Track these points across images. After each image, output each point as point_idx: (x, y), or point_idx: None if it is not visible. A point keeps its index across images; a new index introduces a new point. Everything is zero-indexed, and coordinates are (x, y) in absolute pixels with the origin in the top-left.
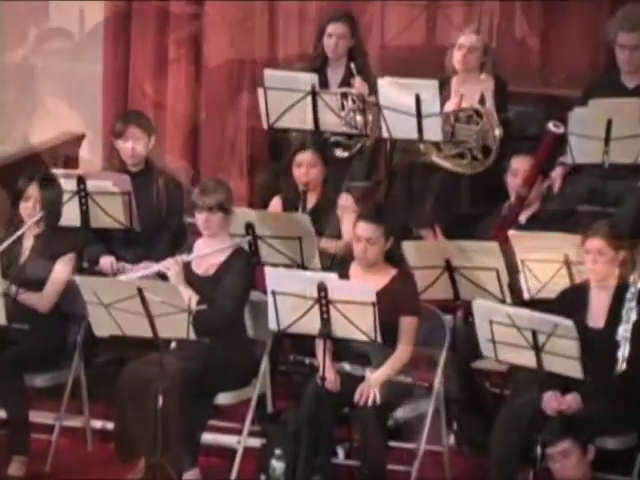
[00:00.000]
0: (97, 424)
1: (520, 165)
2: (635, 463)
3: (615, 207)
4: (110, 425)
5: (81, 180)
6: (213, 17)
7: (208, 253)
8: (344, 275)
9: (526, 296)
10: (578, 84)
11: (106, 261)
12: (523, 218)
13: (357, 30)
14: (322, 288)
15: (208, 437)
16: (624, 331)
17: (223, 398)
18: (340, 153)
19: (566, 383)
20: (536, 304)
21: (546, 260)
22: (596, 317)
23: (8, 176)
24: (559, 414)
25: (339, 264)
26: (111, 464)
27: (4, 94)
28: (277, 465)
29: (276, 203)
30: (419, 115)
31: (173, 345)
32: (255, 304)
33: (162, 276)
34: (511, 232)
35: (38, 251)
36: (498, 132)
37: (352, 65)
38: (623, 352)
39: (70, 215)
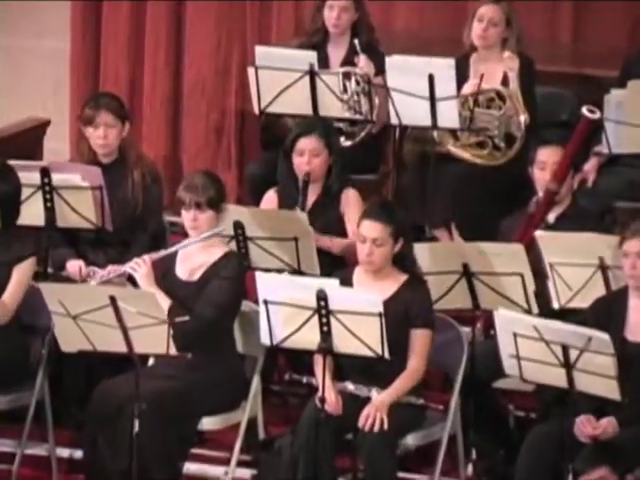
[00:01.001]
0: (64, 452)
1: (549, 156)
2: None
3: None
4: (78, 453)
5: (45, 173)
6: None
7: (181, 246)
8: (347, 282)
9: (555, 305)
10: (615, 62)
11: (74, 265)
12: (552, 217)
13: (362, 1)
14: (322, 296)
15: (191, 467)
16: None
17: (208, 423)
18: (342, 142)
19: (601, 405)
20: (567, 315)
21: (578, 264)
22: (635, 330)
23: None
24: (593, 440)
25: (341, 269)
26: None
27: None
28: None
29: (270, 198)
30: (433, 98)
31: (151, 362)
32: (245, 315)
33: (131, 279)
34: (538, 232)
35: None
36: (523, 118)
37: (356, 41)
38: None
39: (32, 213)
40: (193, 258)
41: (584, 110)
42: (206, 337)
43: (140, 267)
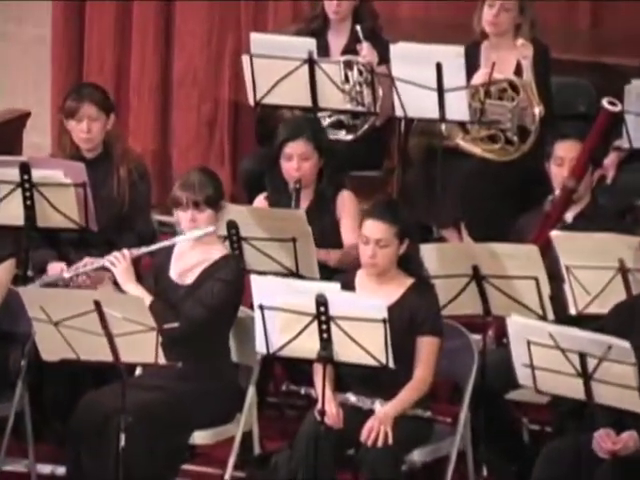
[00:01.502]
0: (45, 469)
1: (567, 151)
2: None
3: None
4: (61, 470)
5: (25, 168)
6: None
7: (167, 244)
8: (348, 286)
9: (572, 311)
10: (636, 50)
11: (55, 268)
12: (569, 216)
13: None
14: (322, 302)
15: None
16: None
17: (200, 437)
18: (343, 136)
19: (621, 418)
20: (585, 321)
21: (597, 267)
22: None
23: None
24: (612, 456)
25: (342, 272)
26: None
27: None
28: None
29: (260, 204)
30: (440, 89)
31: (138, 371)
32: (239, 321)
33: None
34: (554, 233)
35: None
36: (538, 110)
37: (358, 28)
38: None
39: (11, 212)
40: (188, 259)
41: (604, 102)
42: (198, 344)
43: (119, 262)
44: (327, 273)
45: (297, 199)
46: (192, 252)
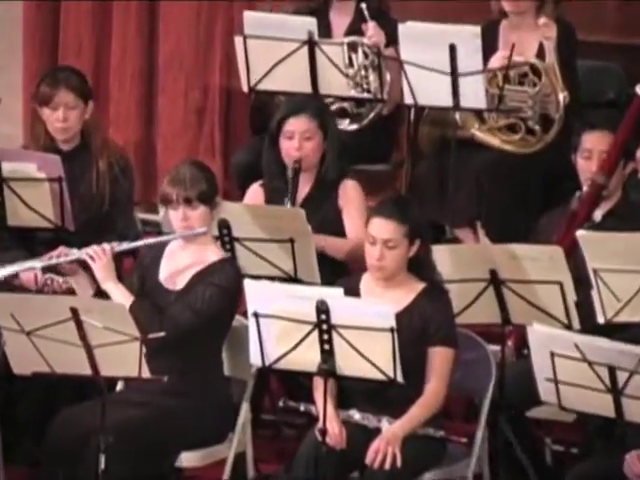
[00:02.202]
0: None
1: (595, 143)
2: None
3: None
4: None
5: None
6: None
7: (152, 242)
8: (353, 291)
9: (600, 320)
10: None
11: (28, 273)
12: (599, 214)
13: None
14: (323, 309)
15: None
16: None
17: (188, 459)
18: (347, 125)
19: None
20: (614, 330)
21: (628, 270)
22: None
23: None
24: None
25: (345, 276)
26: None
27: None
28: None
29: (255, 192)
30: (454, 74)
31: (120, 386)
32: (231, 330)
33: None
34: (581, 232)
35: None
36: (562, 96)
37: (363, 6)
38: None
39: None
40: (179, 261)
41: (638, 89)
42: (186, 356)
43: (99, 257)
44: (329, 277)
45: (295, 182)
46: (184, 253)
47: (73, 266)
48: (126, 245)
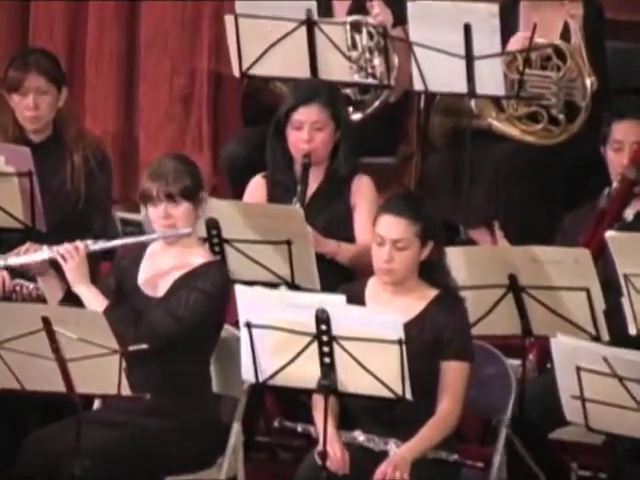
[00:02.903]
0: None
1: (626, 134)
2: None
3: None
4: None
5: None
6: None
7: (131, 241)
8: (357, 298)
9: (631, 330)
10: None
11: None
12: (630, 213)
13: None
14: (323, 318)
15: None
16: None
17: None
18: (349, 114)
19: None
20: None
21: None
22: None
23: None
24: None
25: (349, 281)
26: None
27: None
28: None
29: (258, 185)
30: (470, 57)
31: (97, 405)
32: (221, 342)
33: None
34: (610, 233)
35: None
36: (589, 82)
37: None
38: None
39: None
40: (161, 263)
41: None
42: (169, 370)
43: (71, 257)
44: (330, 282)
45: (305, 180)
46: (165, 255)
47: (43, 265)
48: (101, 244)
